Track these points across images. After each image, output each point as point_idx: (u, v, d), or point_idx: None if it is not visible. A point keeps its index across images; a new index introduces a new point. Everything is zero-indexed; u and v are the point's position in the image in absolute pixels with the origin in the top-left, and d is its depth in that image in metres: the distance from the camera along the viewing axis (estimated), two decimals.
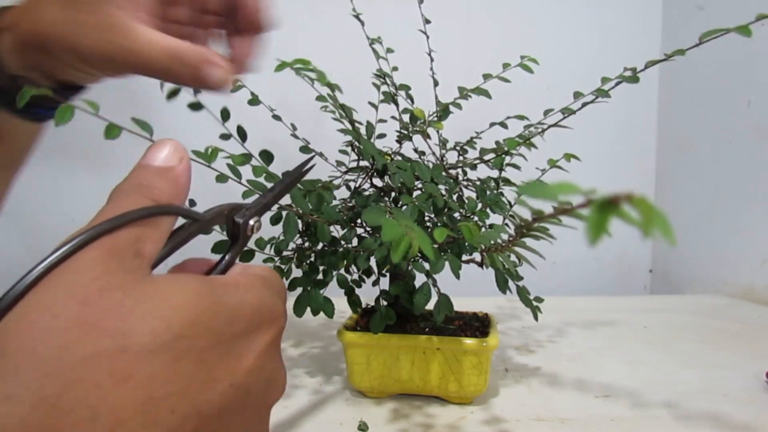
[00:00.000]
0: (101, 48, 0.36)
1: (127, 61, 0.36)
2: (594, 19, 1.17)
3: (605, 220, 0.14)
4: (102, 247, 0.21)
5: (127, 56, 0.35)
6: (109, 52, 0.35)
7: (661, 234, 0.13)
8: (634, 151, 1.22)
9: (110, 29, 0.35)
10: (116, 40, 0.35)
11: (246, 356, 0.24)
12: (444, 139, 0.55)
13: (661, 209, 0.14)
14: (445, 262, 0.44)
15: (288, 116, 0.57)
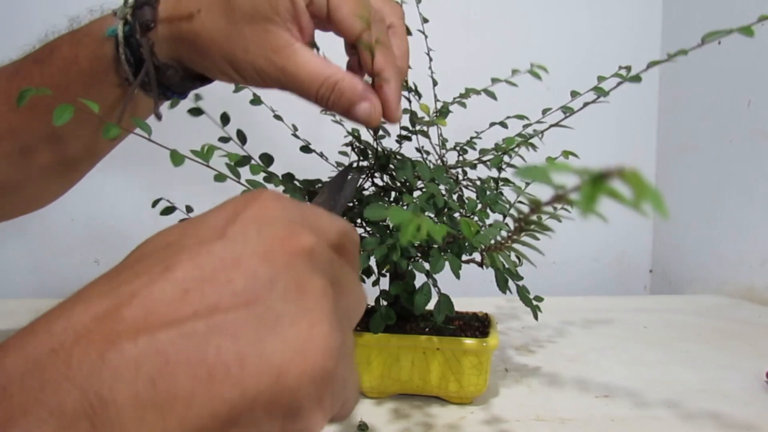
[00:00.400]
0: (260, 65, 0.38)
1: (281, 81, 0.38)
2: (594, 19, 1.17)
3: (596, 193, 0.14)
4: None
5: (283, 77, 0.37)
6: (267, 70, 0.37)
7: (653, 208, 0.13)
8: (634, 151, 1.22)
9: (274, 49, 0.37)
10: (278, 61, 0.37)
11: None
12: (444, 139, 0.55)
13: (653, 184, 0.14)
14: (445, 261, 0.44)
15: (288, 116, 0.57)
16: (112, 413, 0.18)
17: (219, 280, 0.21)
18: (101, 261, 0.97)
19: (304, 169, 0.58)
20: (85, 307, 0.20)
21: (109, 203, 1.03)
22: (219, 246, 0.22)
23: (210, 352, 0.20)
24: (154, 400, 0.19)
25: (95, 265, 0.98)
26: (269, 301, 0.21)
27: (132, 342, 0.19)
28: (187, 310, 0.20)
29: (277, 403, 0.21)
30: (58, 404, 0.18)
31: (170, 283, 0.21)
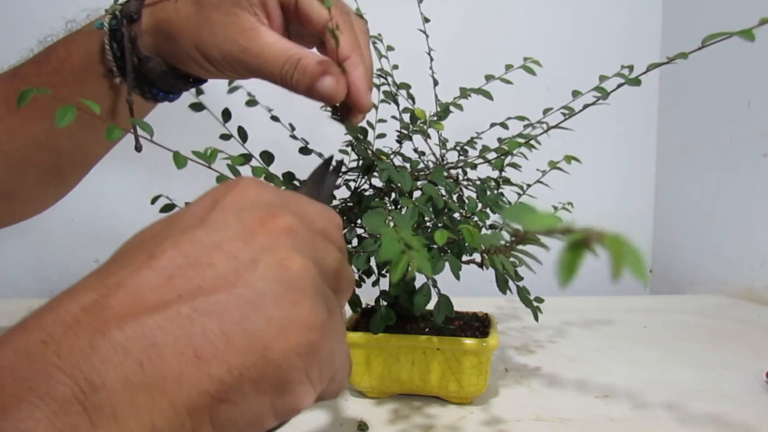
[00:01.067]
0: (227, 48, 0.39)
1: (247, 63, 0.39)
2: (594, 19, 1.17)
3: (577, 260, 0.14)
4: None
5: (248, 58, 0.38)
6: (233, 52, 0.38)
7: (633, 274, 0.13)
8: (634, 151, 1.22)
9: (239, 31, 0.38)
10: (243, 41, 0.38)
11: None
12: (444, 139, 0.55)
13: (634, 247, 0.13)
14: (445, 262, 0.44)
15: (287, 116, 0.57)
16: (103, 397, 0.19)
17: (201, 264, 0.22)
18: (101, 261, 0.97)
19: (304, 170, 0.58)
20: (73, 299, 0.21)
21: (109, 203, 1.03)
22: (200, 232, 0.23)
23: (195, 333, 0.20)
24: (143, 382, 0.19)
25: (95, 265, 0.97)
26: (251, 281, 0.22)
27: (119, 328, 0.20)
28: (172, 295, 0.21)
29: (264, 378, 0.21)
30: (49, 391, 0.18)
31: (154, 270, 0.21)
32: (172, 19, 0.40)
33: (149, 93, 0.46)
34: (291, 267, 0.23)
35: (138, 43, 0.43)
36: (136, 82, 0.44)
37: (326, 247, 0.26)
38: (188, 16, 0.40)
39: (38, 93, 0.32)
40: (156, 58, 0.44)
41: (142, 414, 0.19)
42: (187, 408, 0.20)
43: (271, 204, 0.25)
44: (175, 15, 0.40)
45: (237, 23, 0.38)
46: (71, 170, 0.52)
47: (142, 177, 0.98)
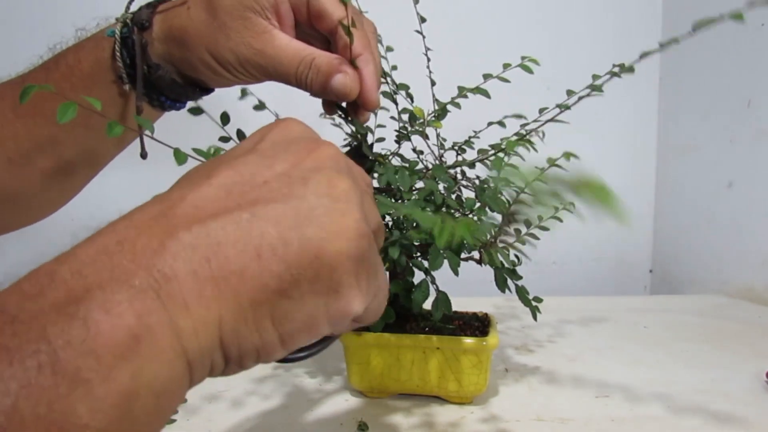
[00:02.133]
0: (241, 51, 0.40)
1: (261, 65, 0.40)
2: (594, 19, 1.18)
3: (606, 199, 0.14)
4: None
5: (263, 60, 0.40)
6: (248, 55, 0.40)
7: (613, 216, 0.13)
8: (634, 151, 1.22)
9: (253, 35, 0.40)
10: (257, 44, 0.40)
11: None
12: (442, 139, 0.55)
13: (614, 192, 0.14)
14: (444, 259, 0.44)
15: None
16: (175, 287, 0.21)
17: (256, 181, 0.24)
18: None
19: None
20: (142, 212, 0.23)
21: (109, 203, 1.03)
22: (252, 157, 0.25)
23: (255, 236, 0.23)
24: (210, 275, 0.21)
25: None
26: (304, 194, 0.24)
27: (186, 231, 0.22)
28: (232, 204, 0.23)
29: (319, 279, 0.24)
30: (127, 280, 0.20)
31: (213, 186, 0.24)
32: (185, 26, 0.41)
33: (157, 101, 0.47)
34: (338, 185, 0.25)
35: (149, 51, 0.44)
36: (144, 90, 0.44)
37: (361, 187, 0.28)
38: (201, 22, 0.41)
39: (40, 90, 0.32)
40: (166, 66, 0.44)
41: (210, 304, 0.21)
42: (250, 300, 0.22)
43: (314, 138, 0.28)
44: (188, 22, 0.41)
45: (251, 27, 0.39)
46: (76, 175, 0.52)
47: (144, 177, 0.98)
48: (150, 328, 0.20)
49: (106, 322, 0.19)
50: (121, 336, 0.19)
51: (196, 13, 0.41)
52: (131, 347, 0.19)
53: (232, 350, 0.23)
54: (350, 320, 0.26)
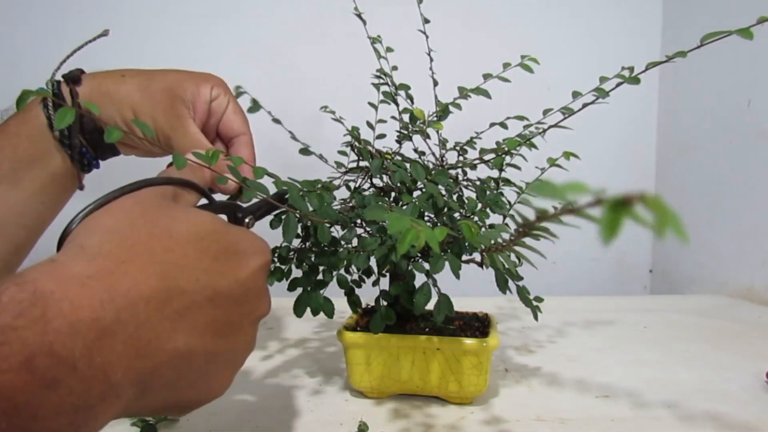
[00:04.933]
0: (158, 121, 0.47)
1: (169, 138, 0.47)
2: (594, 19, 1.17)
3: (619, 219, 0.14)
4: (155, 188, 0.34)
5: (173, 135, 0.47)
6: (164, 127, 0.47)
7: (674, 234, 0.13)
8: (634, 151, 1.22)
9: (176, 115, 0.47)
10: (175, 123, 0.47)
11: (246, 267, 0.32)
12: (444, 139, 0.55)
13: (673, 209, 0.14)
14: (445, 262, 0.44)
15: (288, 117, 0.57)
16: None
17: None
18: None
19: (304, 170, 0.59)
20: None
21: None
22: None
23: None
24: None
25: None
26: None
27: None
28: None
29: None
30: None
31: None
32: (118, 88, 0.47)
33: (78, 155, 0.48)
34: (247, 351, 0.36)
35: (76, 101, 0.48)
36: (69, 141, 0.48)
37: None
38: (134, 88, 0.47)
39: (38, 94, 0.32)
40: (88, 116, 0.48)
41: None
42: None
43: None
44: (122, 86, 0.47)
45: (174, 108, 0.47)
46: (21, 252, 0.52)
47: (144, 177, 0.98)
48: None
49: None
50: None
51: (131, 81, 0.48)
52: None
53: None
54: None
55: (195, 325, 0.28)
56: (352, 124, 0.54)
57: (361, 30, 0.54)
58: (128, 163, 0.56)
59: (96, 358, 0.23)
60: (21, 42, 1.06)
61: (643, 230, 1.14)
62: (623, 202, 0.14)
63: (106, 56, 0.54)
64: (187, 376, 0.29)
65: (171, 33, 1.10)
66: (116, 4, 1.08)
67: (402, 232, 0.25)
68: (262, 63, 1.11)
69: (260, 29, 1.11)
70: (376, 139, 0.55)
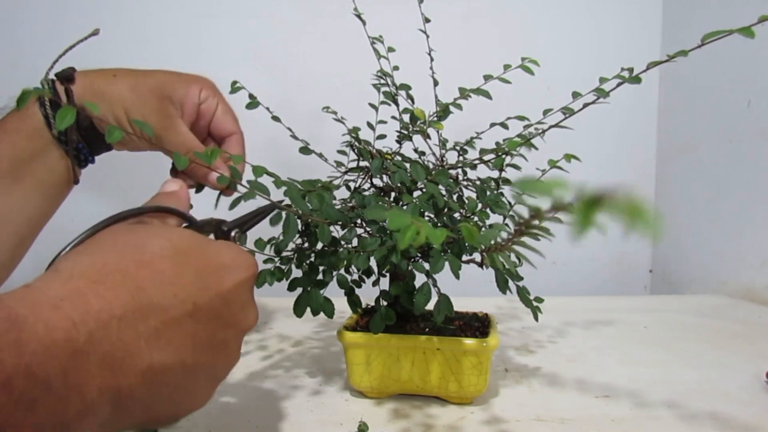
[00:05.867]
0: (151, 120, 0.48)
1: (159, 136, 0.48)
2: (594, 19, 1.17)
3: (591, 215, 0.14)
4: (134, 218, 0.36)
5: (163, 134, 0.48)
6: (153, 126, 0.47)
7: (645, 231, 0.13)
8: (634, 151, 1.22)
9: (165, 115, 0.48)
10: (164, 122, 0.48)
11: (229, 280, 0.33)
12: (444, 139, 0.55)
13: (648, 204, 0.14)
14: (445, 262, 0.44)
15: (288, 116, 0.57)
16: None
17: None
18: None
19: (304, 169, 0.59)
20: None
21: (110, 203, 1.03)
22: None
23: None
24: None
25: None
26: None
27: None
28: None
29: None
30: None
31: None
32: (109, 88, 0.48)
33: (74, 150, 0.50)
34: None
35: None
36: (66, 138, 0.49)
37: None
38: (125, 88, 0.48)
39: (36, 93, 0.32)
40: (83, 114, 0.49)
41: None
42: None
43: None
44: (113, 86, 0.48)
45: (163, 108, 0.48)
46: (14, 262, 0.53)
47: (145, 177, 0.99)
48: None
49: None
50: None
51: (122, 80, 0.49)
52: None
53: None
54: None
55: (172, 341, 0.28)
56: (353, 125, 0.54)
57: (361, 30, 0.54)
58: (123, 159, 0.57)
59: (71, 378, 0.23)
60: (21, 42, 1.06)
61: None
62: (596, 198, 0.14)
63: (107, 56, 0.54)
64: (164, 393, 0.29)
65: (171, 33, 1.10)
66: (116, 4, 1.08)
67: (402, 229, 0.25)
68: (262, 63, 1.11)
69: (260, 29, 1.11)
70: (377, 140, 0.55)
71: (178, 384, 0.30)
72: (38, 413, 0.22)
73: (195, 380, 0.31)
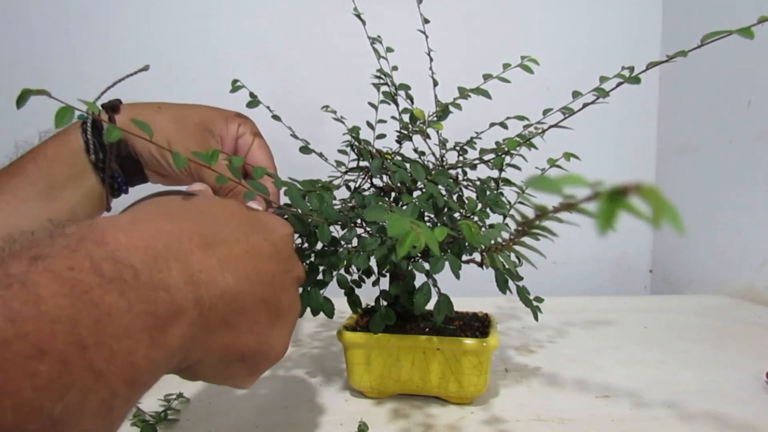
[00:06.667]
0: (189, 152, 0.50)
1: (199, 172, 0.48)
2: (594, 19, 1.17)
3: (614, 210, 0.14)
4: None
5: (201, 168, 0.48)
6: (196, 165, 0.48)
7: (670, 225, 0.13)
8: (634, 151, 1.22)
9: (203, 146, 0.48)
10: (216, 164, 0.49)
11: (273, 232, 0.35)
12: (444, 139, 0.55)
13: (669, 199, 0.14)
14: (445, 262, 0.44)
15: (288, 116, 0.57)
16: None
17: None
18: None
19: (304, 170, 0.59)
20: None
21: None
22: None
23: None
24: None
25: None
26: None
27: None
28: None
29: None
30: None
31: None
32: (154, 119, 0.49)
33: (110, 178, 0.51)
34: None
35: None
36: (103, 165, 0.50)
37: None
38: (169, 121, 0.49)
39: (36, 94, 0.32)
40: (124, 142, 0.50)
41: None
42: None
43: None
44: (158, 117, 0.49)
45: (206, 142, 0.50)
46: None
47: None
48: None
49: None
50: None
51: (166, 113, 0.50)
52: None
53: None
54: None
55: (238, 270, 0.30)
56: (353, 124, 0.54)
57: (361, 30, 0.54)
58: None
59: (155, 276, 0.25)
60: (21, 42, 1.06)
61: (644, 230, 1.15)
62: (620, 192, 0.14)
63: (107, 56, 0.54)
64: (243, 318, 0.31)
65: (171, 33, 1.10)
66: (116, 4, 1.08)
67: (402, 235, 0.25)
68: (263, 63, 1.11)
69: (260, 29, 1.11)
70: (377, 139, 0.55)
71: (254, 312, 0.32)
72: (130, 298, 0.23)
73: (268, 314, 0.33)
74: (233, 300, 0.30)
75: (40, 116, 0.44)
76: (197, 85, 1.07)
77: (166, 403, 0.49)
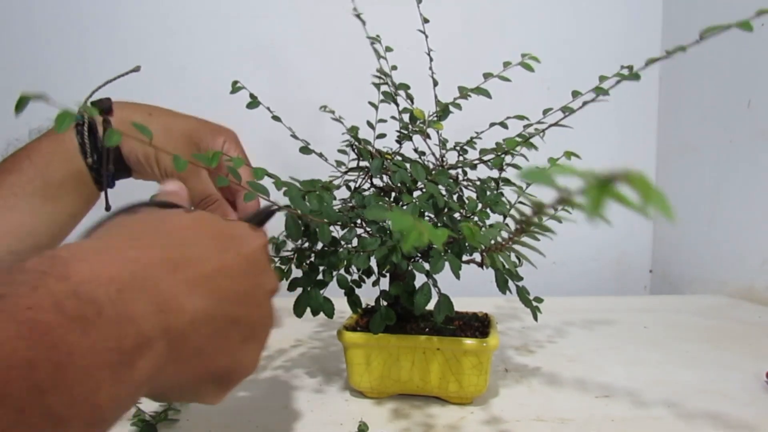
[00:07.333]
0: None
1: (183, 179, 0.49)
2: (594, 18, 1.17)
3: (603, 197, 0.14)
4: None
5: (185, 177, 0.50)
6: (180, 174, 0.50)
7: (659, 212, 0.13)
8: (635, 151, 1.22)
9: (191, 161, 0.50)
10: (190, 170, 0.50)
11: (246, 245, 0.34)
12: (444, 139, 0.55)
13: (658, 187, 0.14)
14: (445, 262, 0.44)
15: (288, 116, 0.57)
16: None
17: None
18: None
19: (304, 169, 0.59)
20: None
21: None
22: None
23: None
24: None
25: None
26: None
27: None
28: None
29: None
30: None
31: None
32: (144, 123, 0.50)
33: (98, 173, 0.51)
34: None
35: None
36: (98, 166, 0.51)
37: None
38: (159, 128, 0.50)
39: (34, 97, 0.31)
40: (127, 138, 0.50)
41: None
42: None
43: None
44: (147, 123, 0.49)
45: (189, 152, 0.51)
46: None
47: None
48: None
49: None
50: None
51: (156, 120, 0.51)
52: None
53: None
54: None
55: (209, 291, 0.30)
56: (353, 124, 0.54)
57: (360, 30, 0.54)
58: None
59: (121, 308, 0.24)
60: (21, 42, 1.06)
61: (644, 230, 1.15)
62: (608, 180, 0.14)
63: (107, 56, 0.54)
64: (214, 341, 0.30)
65: (171, 33, 1.10)
66: (116, 5, 1.08)
67: (405, 231, 0.25)
68: (263, 63, 1.11)
69: (260, 29, 1.11)
70: (376, 139, 0.55)
71: (225, 335, 0.31)
72: (92, 336, 0.22)
73: (239, 334, 0.32)
74: (203, 325, 0.29)
75: (38, 116, 0.44)
76: (197, 85, 1.07)
77: (166, 403, 0.49)
